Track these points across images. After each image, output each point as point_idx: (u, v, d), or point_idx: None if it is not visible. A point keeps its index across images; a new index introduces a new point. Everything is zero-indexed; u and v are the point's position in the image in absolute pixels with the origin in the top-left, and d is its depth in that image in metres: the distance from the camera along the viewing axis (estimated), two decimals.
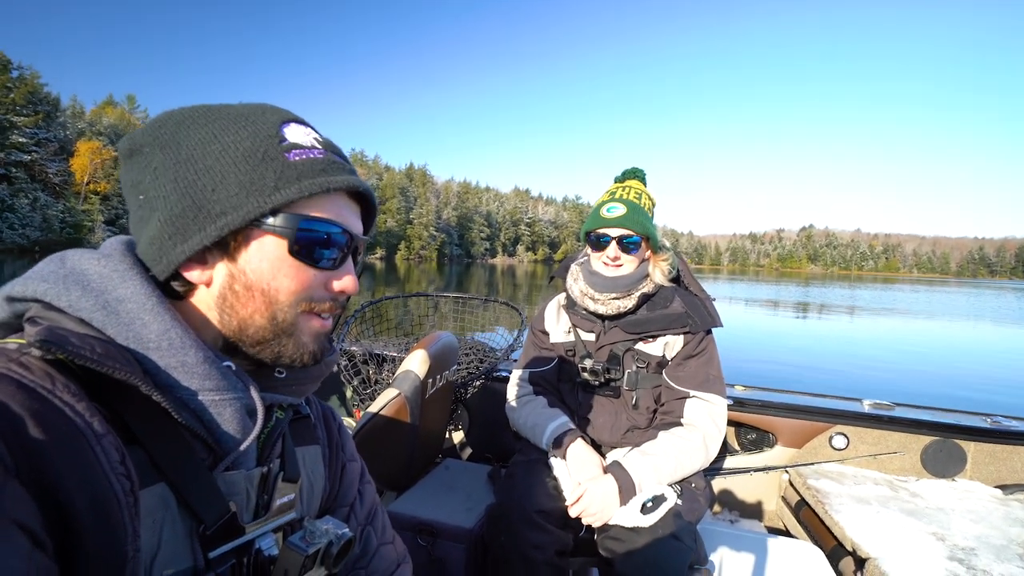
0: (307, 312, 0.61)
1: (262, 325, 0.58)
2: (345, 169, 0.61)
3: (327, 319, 0.63)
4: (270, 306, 0.58)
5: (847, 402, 2.29)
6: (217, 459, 0.57)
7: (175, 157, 0.55)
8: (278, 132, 0.58)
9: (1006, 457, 2.05)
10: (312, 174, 0.57)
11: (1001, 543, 1.60)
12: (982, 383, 8.73)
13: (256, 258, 0.57)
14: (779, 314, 20.81)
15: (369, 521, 0.83)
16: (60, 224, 51.18)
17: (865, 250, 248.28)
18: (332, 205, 0.60)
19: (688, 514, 1.44)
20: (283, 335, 0.59)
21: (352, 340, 2.73)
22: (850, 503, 1.83)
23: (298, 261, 0.58)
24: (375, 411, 1.66)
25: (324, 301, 0.62)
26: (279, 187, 0.55)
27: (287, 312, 0.59)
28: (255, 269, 0.57)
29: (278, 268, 0.57)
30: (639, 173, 1.69)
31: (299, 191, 0.56)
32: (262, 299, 0.58)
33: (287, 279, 0.58)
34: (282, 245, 0.57)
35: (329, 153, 0.61)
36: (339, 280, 0.62)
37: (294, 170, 0.56)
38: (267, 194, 0.55)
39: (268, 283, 0.58)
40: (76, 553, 0.42)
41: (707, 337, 1.64)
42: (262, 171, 0.55)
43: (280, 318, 0.59)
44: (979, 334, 17.38)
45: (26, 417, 0.42)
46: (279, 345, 0.60)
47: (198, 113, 0.58)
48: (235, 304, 0.58)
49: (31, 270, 0.54)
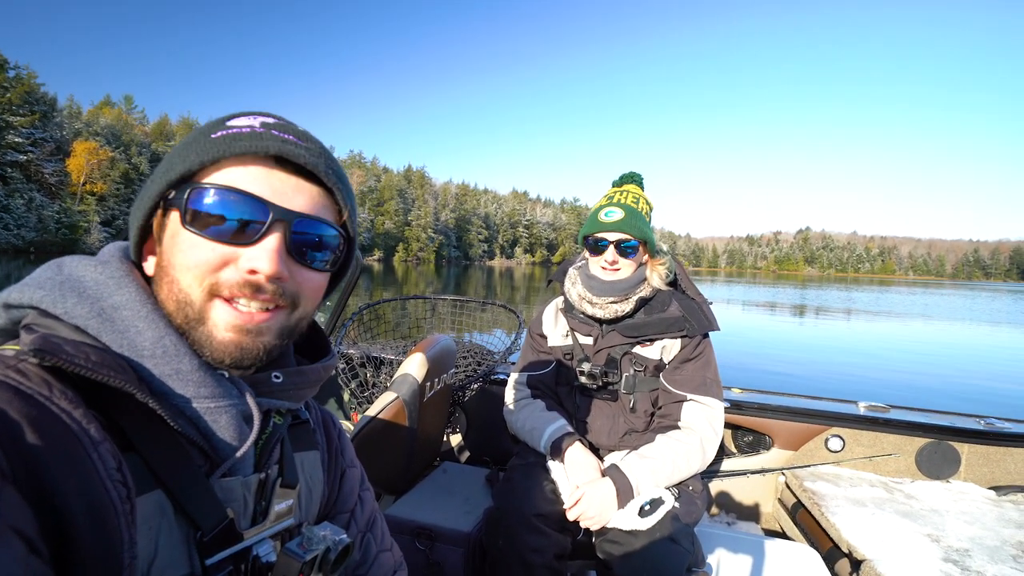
0: (216, 297, 0.55)
1: (173, 310, 0.55)
2: (273, 139, 0.55)
3: (246, 309, 0.55)
4: (172, 287, 0.55)
5: (843, 404, 2.30)
6: (214, 466, 0.57)
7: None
8: (222, 123, 0.57)
9: (1000, 459, 2.06)
10: (220, 145, 0.54)
11: (995, 544, 1.61)
12: (976, 385, 8.78)
13: (167, 237, 0.56)
14: (776, 317, 20.87)
15: (369, 528, 0.83)
16: (56, 225, 50.98)
17: (861, 252, 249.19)
18: (245, 174, 0.55)
19: (686, 517, 1.45)
20: (192, 322, 0.54)
21: (350, 343, 2.73)
22: (846, 505, 1.84)
23: (192, 233, 0.54)
24: (373, 414, 1.66)
25: (232, 281, 0.54)
26: (184, 160, 0.54)
27: (187, 293, 0.54)
28: (166, 249, 0.56)
29: (177, 244, 0.54)
30: (637, 177, 1.70)
31: (197, 160, 0.53)
32: (168, 280, 0.55)
33: (182, 254, 0.54)
34: (178, 218, 0.54)
35: (267, 130, 0.56)
36: (250, 256, 0.54)
37: (207, 145, 0.54)
38: (173, 170, 0.55)
39: (170, 260, 0.55)
40: (72, 560, 0.43)
41: (704, 341, 1.64)
42: (181, 153, 0.55)
43: (182, 299, 0.54)
44: (973, 336, 17.47)
45: (23, 423, 0.42)
46: (193, 335, 0.55)
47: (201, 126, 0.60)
48: (158, 290, 0.56)
49: (29, 276, 0.54)
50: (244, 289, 0.55)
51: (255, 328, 0.56)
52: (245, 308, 0.55)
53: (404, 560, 0.89)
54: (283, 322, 0.59)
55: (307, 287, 0.60)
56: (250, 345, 0.56)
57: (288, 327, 0.60)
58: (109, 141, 63.55)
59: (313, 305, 0.63)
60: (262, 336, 0.57)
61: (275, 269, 0.55)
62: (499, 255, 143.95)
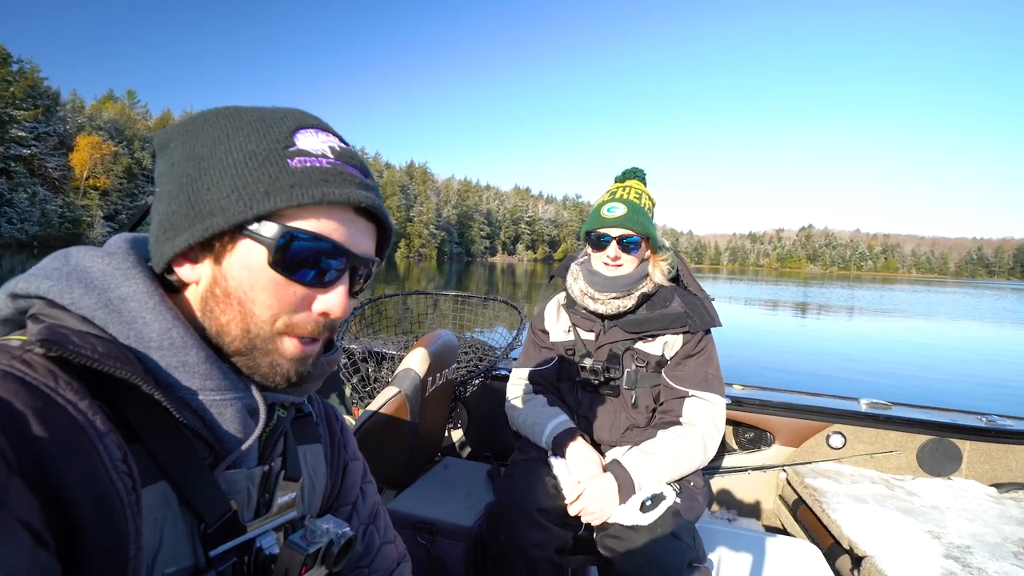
0: (285, 333, 0.57)
1: (237, 335, 0.56)
2: (354, 182, 0.56)
3: (309, 343, 0.59)
4: (245, 318, 0.55)
5: (844, 401, 2.30)
6: (218, 458, 0.57)
7: (189, 153, 0.55)
8: (289, 137, 0.56)
9: (1001, 456, 2.06)
10: (309, 184, 0.53)
11: (996, 541, 1.62)
12: (978, 382, 8.76)
13: (238, 265, 0.55)
14: (778, 314, 20.84)
15: (372, 520, 0.84)
16: (59, 219, 51.15)
17: (864, 250, 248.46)
18: (330, 219, 0.56)
19: (687, 513, 1.45)
20: (257, 351, 0.57)
21: (351, 338, 2.74)
22: (847, 502, 1.85)
23: (278, 274, 0.54)
24: (375, 409, 1.67)
25: (306, 324, 0.57)
26: (270, 193, 0.52)
27: (262, 327, 0.56)
28: (235, 276, 0.55)
29: (256, 279, 0.54)
30: (639, 173, 1.69)
31: (288, 199, 0.52)
32: (238, 309, 0.55)
33: (264, 292, 0.55)
34: (264, 255, 0.54)
35: (341, 164, 0.57)
36: (325, 301, 0.57)
37: (290, 177, 0.53)
38: (257, 199, 0.52)
39: (245, 293, 0.55)
40: (78, 551, 0.43)
41: (706, 337, 1.64)
42: (258, 175, 0.53)
43: (254, 332, 0.56)
44: (976, 334, 17.42)
45: (29, 415, 0.42)
46: (252, 360, 0.57)
47: (224, 112, 0.58)
48: (214, 309, 0.56)
49: (35, 266, 0.54)
50: (315, 330, 0.58)
51: (307, 356, 0.60)
52: (309, 342, 0.59)
53: (407, 551, 0.90)
54: (322, 345, 0.63)
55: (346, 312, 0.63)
56: (300, 371, 0.60)
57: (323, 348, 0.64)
58: (112, 136, 63.64)
59: None
60: (308, 362, 0.61)
61: (345, 313, 0.59)
62: (501, 251, 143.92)
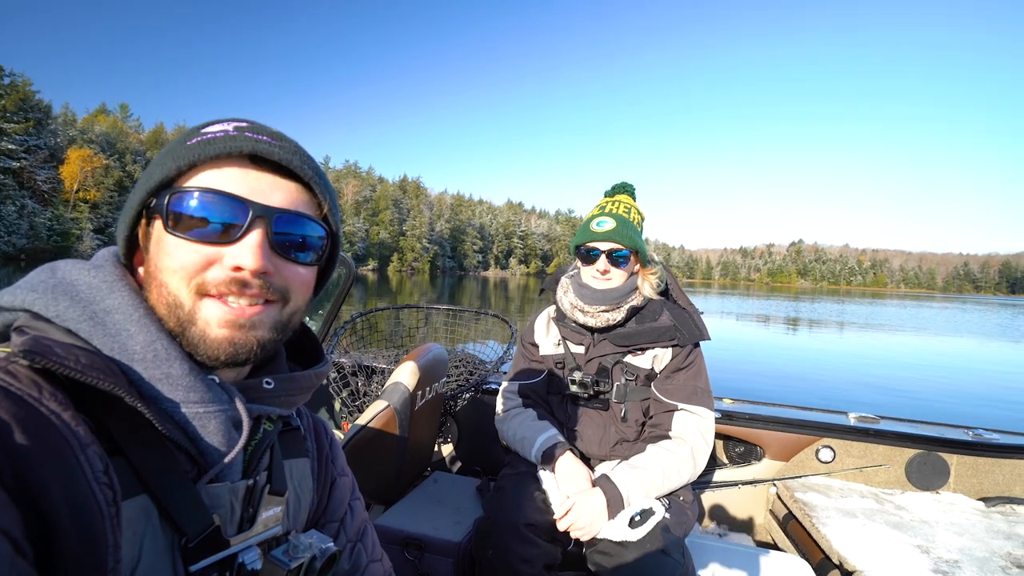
0: (204, 295, 0.56)
1: (165, 313, 0.56)
2: (247, 140, 0.56)
3: (238, 306, 0.57)
4: (162, 290, 0.55)
5: (833, 415, 2.31)
6: (201, 471, 0.57)
7: None
8: (199, 130, 0.59)
9: (988, 470, 2.07)
10: (195, 149, 0.55)
11: (984, 555, 1.62)
12: (964, 397, 8.84)
13: (153, 243, 0.57)
14: (769, 328, 20.97)
15: (359, 537, 0.83)
16: (47, 232, 50.65)
17: (853, 265, 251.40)
18: (223, 176, 0.56)
19: (676, 528, 1.45)
20: (185, 323, 0.56)
21: (341, 351, 2.72)
22: (837, 516, 1.84)
23: (175, 237, 0.55)
24: (364, 423, 1.65)
25: (218, 280, 0.55)
26: (160, 167, 0.56)
27: (178, 295, 0.55)
28: (152, 255, 0.57)
29: (160, 248, 0.56)
30: (628, 188, 1.72)
31: (174, 164, 0.55)
32: (156, 284, 0.56)
33: (168, 258, 0.55)
34: (161, 224, 0.56)
35: (240, 132, 0.57)
36: (234, 254, 0.55)
37: (183, 151, 0.56)
38: (152, 178, 0.56)
39: (156, 265, 0.56)
40: (56, 561, 0.42)
41: (695, 350, 1.65)
42: (162, 161, 0.57)
43: (173, 302, 0.55)
44: (962, 348, 17.60)
45: (12, 424, 0.42)
46: (186, 336, 0.56)
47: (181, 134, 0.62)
48: (147, 295, 0.57)
49: (22, 280, 0.54)
50: (231, 286, 0.56)
51: (247, 322, 0.57)
52: (235, 304, 0.57)
53: (394, 571, 0.89)
54: (276, 316, 0.60)
55: (295, 281, 0.61)
56: (243, 339, 0.57)
57: (281, 321, 0.61)
58: (104, 148, 63.44)
59: (303, 299, 0.64)
60: (255, 330, 0.58)
61: (260, 264, 0.56)
62: (494, 265, 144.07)
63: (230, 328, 0.56)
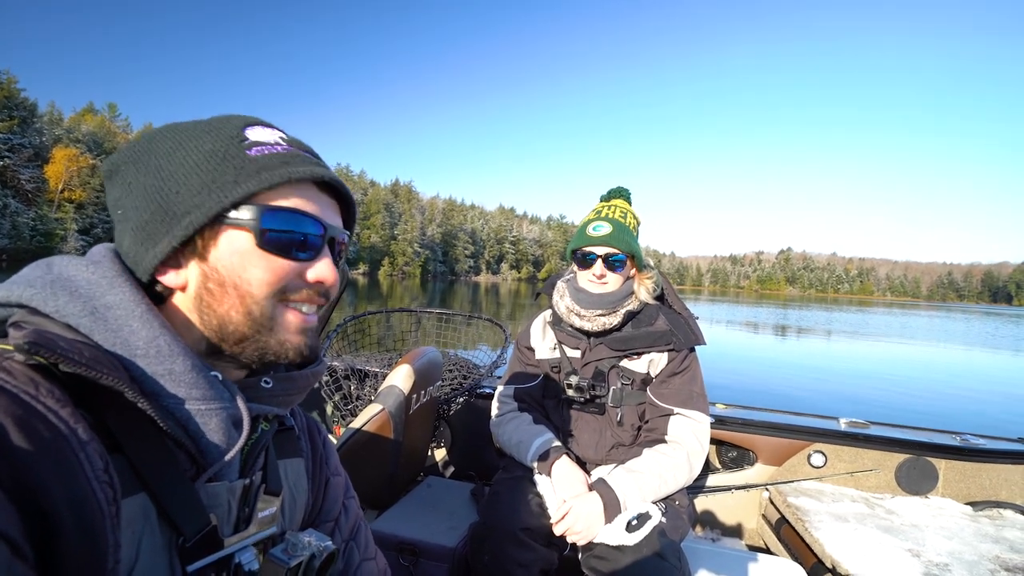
0: (284, 304, 0.60)
1: (240, 321, 0.58)
2: (311, 161, 0.61)
3: (309, 314, 0.62)
4: (244, 300, 0.57)
5: (824, 420, 2.33)
6: (200, 470, 0.56)
7: (145, 169, 0.57)
8: (240, 133, 0.59)
9: (975, 474, 2.10)
10: (273, 167, 0.58)
11: (973, 559, 1.64)
12: (951, 402, 8.98)
13: (226, 254, 0.57)
14: (759, 335, 21.16)
15: (353, 536, 0.82)
16: (30, 232, 49.82)
17: (841, 273, 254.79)
18: (300, 196, 0.60)
19: (672, 532, 1.45)
20: (263, 330, 0.59)
21: (333, 355, 2.70)
22: (829, 520, 1.86)
23: (266, 252, 0.58)
24: (358, 426, 1.64)
25: (300, 291, 0.61)
26: (239, 181, 0.56)
27: (262, 305, 0.58)
28: (226, 265, 0.57)
29: (247, 261, 0.57)
30: (624, 192, 1.73)
31: (259, 183, 0.56)
32: (235, 294, 0.57)
33: (258, 270, 0.57)
34: (249, 238, 0.57)
35: (295, 149, 0.61)
36: (314, 270, 0.61)
37: (255, 164, 0.57)
38: (228, 189, 0.55)
39: (240, 276, 0.57)
40: (55, 562, 0.41)
41: (691, 355, 1.66)
42: (223, 169, 0.56)
43: (256, 312, 0.58)
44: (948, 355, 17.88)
45: (9, 423, 0.41)
46: (260, 342, 0.59)
47: (168, 128, 0.60)
48: (211, 302, 0.57)
49: (16, 275, 0.53)
50: (313, 298, 0.63)
51: (311, 328, 0.64)
52: (307, 312, 0.63)
53: (389, 569, 0.88)
54: (319, 317, 0.67)
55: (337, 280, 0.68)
56: (311, 343, 0.63)
57: (320, 321, 0.68)
58: (91, 148, 62.56)
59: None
60: (314, 334, 0.65)
61: (335, 279, 0.64)
62: (485, 271, 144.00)
63: (302, 334, 0.62)
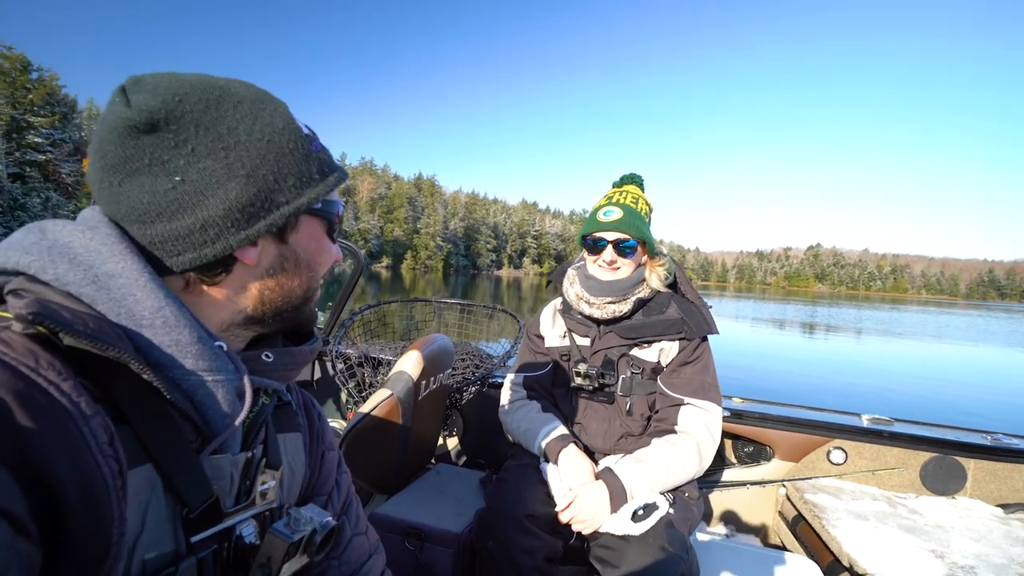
0: None
1: (299, 295, 0.65)
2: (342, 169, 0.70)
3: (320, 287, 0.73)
4: (311, 279, 0.66)
5: (845, 416, 2.26)
6: (204, 442, 0.56)
7: (220, 141, 0.53)
8: (296, 123, 0.61)
9: (1007, 475, 2.01)
10: (333, 166, 0.65)
11: (1002, 562, 1.56)
12: (983, 401, 8.61)
13: (305, 238, 0.64)
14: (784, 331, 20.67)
15: (344, 511, 0.83)
16: None
17: (873, 270, 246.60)
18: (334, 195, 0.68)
19: (680, 524, 1.42)
20: (309, 301, 0.68)
21: (348, 342, 2.73)
22: (848, 518, 1.80)
23: (328, 239, 0.68)
24: (367, 411, 1.65)
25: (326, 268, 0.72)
26: (320, 179, 0.62)
27: (318, 282, 0.68)
28: (305, 248, 0.64)
29: (320, 245, 0.66)
30: (637, 178, 1.69)
31: (334, 182, 0.64)
32: (307, 273, 0.65)
33: (325, 255, 0.67)
34: (323, 226, 0.66)
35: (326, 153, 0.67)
36: (335, 251, 0.70)
37: (322, 162, 0.63)
38: (315, 185, 0.62)
39: (313, 258, 0.65)
40: (64, 538, 0.41)
41: (703, 344, 1.62)
42: (307, 164, 0.61)
43: (313, 287, 0.67)
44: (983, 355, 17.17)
45: (9, 398, 0.40)
46: (303, 310, 0.68)
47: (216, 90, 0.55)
48: (282, 279, 0.63)
49: (7, 240, 0.51)
50: (328, 274, 0.72)
51: None
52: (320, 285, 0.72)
53: (380, 544, 0.88)
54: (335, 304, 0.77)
55: None
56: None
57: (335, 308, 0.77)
58: None
59: None
60: None
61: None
62: (507, 265, 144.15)
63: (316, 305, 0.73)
